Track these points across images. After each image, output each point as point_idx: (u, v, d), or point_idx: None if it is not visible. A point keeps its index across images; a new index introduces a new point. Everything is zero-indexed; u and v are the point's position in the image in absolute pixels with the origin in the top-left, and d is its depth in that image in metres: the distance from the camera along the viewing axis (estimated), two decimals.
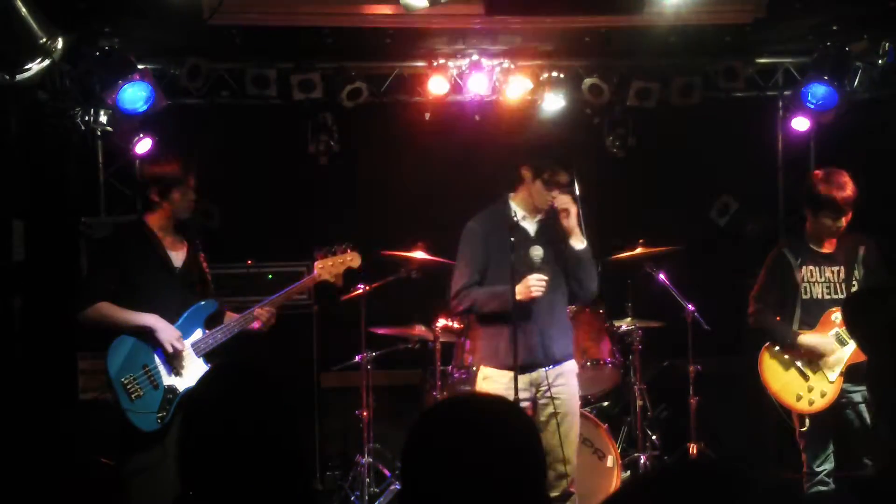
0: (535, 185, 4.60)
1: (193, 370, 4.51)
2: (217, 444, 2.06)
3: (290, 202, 6.85)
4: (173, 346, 4.42)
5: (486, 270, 4.62)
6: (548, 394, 4.55)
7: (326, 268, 4.94)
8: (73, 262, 6.15)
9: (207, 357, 4.61)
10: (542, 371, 4.51)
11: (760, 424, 6.13)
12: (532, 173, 4.61)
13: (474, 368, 4.89)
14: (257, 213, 6.79)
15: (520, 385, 4.48)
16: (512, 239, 4.40)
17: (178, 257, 4.70)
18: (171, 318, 4.52)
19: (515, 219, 4.57)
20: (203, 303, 4.68)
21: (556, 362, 4.60)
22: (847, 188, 4.77)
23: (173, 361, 4.47)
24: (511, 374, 4.51)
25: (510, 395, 4.40)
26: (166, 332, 4.42)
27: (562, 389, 4.60)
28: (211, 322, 4.69)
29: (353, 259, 5.01)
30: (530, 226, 4.64)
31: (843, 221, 4.82)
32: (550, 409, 4.54)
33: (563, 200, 4.56)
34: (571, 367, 4.70)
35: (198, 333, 4.61)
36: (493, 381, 4.59)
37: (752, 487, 1.31)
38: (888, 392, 1.97)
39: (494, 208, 4.70)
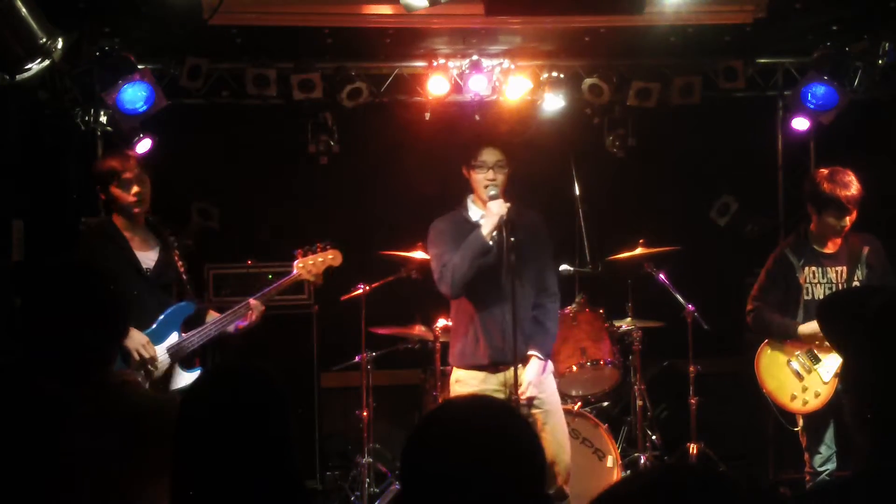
0: (472, 176, 4.57)
1: (168, 375, 4.40)
2: (214, 445, 2.06)
3: (291, 202, 6.86)
4: (139, 353, 4.29)
5: None
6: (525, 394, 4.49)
7: (307, 266, 4.84)
8: None
9: (183, 362, 4.48)
10: (512, 370, 4.43)
11: (760, 424, 6.13)
12: (466, 167, 4.59)
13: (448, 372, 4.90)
14: (257, 213, 6.79)
15: (492, 385, 4.47)
16: (512, 239, 4.39)
17: (148, 258, 4.55)
18: (147, 323, 4.38)
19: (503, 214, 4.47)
20: (179, 305, 4.54)
21: (526, 361, 4.54)
22: (851, 187, 4.77)
23: (144, 368, 4.32)
24: (481, 374, 4.53)
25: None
26: (132, 339, 4.26)
27: (539, 388, 4.56)
28: (189, 325, 4.55)
29: (333, 257, 4.90)
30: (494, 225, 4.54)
31: (848, 221, 4.82)
32: (531, 410, 4.47)
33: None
34: (546, 365, 4.62)
35: (173, 337, 4.48)
36: (464, 383, 4.59)
37: (733, 490, 1.32)
38: (864, 394, 1.98)
39: (455, 211, 4.70)
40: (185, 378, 4.46)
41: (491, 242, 4.40)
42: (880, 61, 6.00)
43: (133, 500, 2.31)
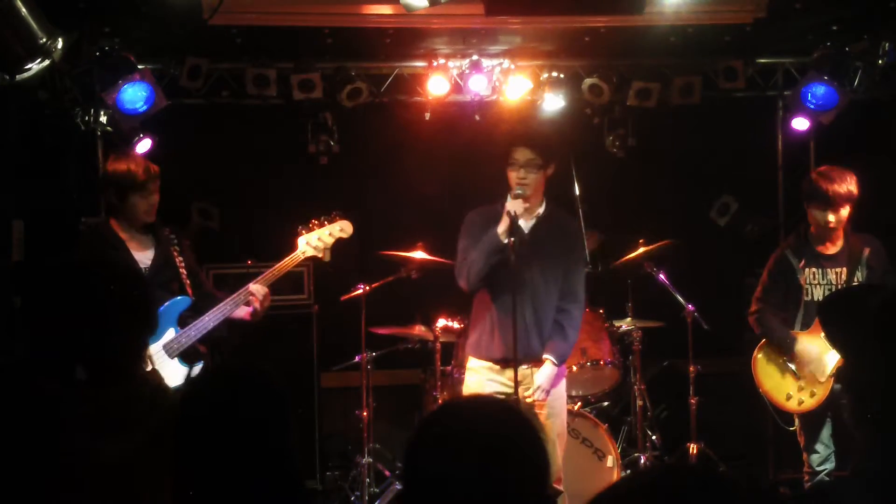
0: (508, 174, 4.53)
1: (167, 372, 4.35)
2: (212, 445, 2.06)
3: (291, 202, 6.84)
4: None
5: None
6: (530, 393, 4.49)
7: (311, 242, 4.70)
8: None
9: (183, 356, 4.46)
10: (522, 369, 4.43)
11: (760, 424, 6.13)
12: (504, 165, 4.56)
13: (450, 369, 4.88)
14: (257, 213, 6.78)
15: (503, 379, 4.48)
16: (512, 239, 4.38)
17: (146, 257, 4.54)
18: None
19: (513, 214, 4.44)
20: (174, 300, 4.50)
21: (540, 361, 4.53)
22: (840, 183, 4.77)
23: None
24: (492, 365, 4.54)
25: (490, 387, 4.45)
26: None
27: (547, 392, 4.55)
28: (186, 320, 4.52)
29: (342, 228, 4.75)
30: (525, 224, 4.58)
31: (833, 216, 4.80)
32: (535, 410, 4.45)
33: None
34: (558, 369, 4.61)
35: (170, 333, 4.45)
36: (474, 372, 4.61)
37: (733, 490, 1.32)
38: (865, 393, 1.98)
39: (493, 205, 4.69)
40: (185, 373, 4.44)
41: (506, 241, 4.39)
42: (880, 61, 6.00)
43: (134, 500, 2.31)
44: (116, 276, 2.48)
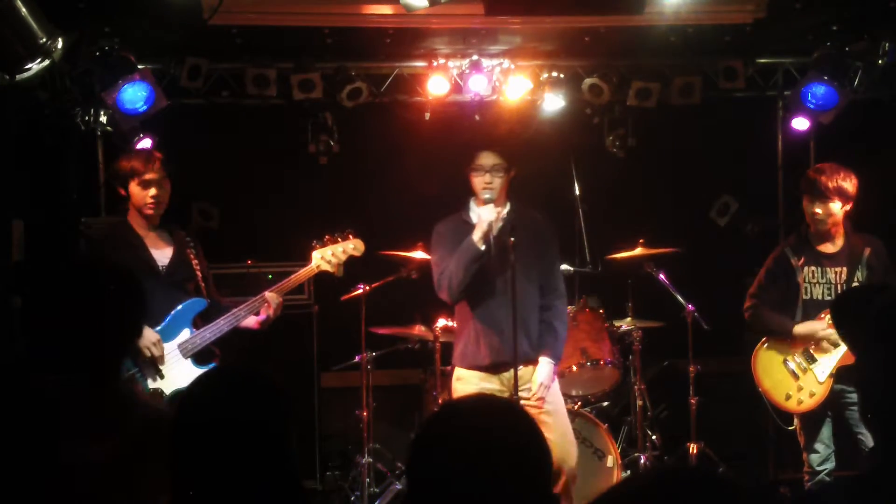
0: (471, 179, 4.57)
1: (180, 372, 4.41)
2: (211, 446, 2.05)
3: (291, 202, 6.86)
4: (150, 351, 4.34)
5: None
6: (526, 394, 4.49)
7: (325, 257, 4.79)
8: None
9: (196, 357, 4.50)
10: (514, 371, 4.42)
11: (760, 424, 6.14)
12: (467, 170, 4.58)
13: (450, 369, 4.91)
14: (257, 213, 6.79)
15: (493, 385, 4.47)
16: (512, 239, 4.39)
17: (163, 256, 4.60)
18: (157, 321, 4.42)
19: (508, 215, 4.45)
20: (190, 301, 4.56)
21: (530, 362, 4.54)
22: (831, 176, 4.78)
23: (154, 366, 4.37)
24: (482, 373, 4.54)
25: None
26: (143, 337, 4.29)
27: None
28: (201, 321, 4.58)
29: (355, 247, 4.86)
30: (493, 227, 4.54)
31: (820, 209, 4.81)
32: (534, 411, 4.44)
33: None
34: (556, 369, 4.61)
35: (185, 333, 4.50)
36: (464, 381, 4.61)
37: (733, 491, 1.32)
38: (876, 391, 1.98)
39: (458, 213, 4.70)
40: (197, 374, 4.44)
41: (482, 248, 4.40)
42: (880, 61, 6.00)
43: (132, 500, 2.30)
44: (116, 276, 2.48)
